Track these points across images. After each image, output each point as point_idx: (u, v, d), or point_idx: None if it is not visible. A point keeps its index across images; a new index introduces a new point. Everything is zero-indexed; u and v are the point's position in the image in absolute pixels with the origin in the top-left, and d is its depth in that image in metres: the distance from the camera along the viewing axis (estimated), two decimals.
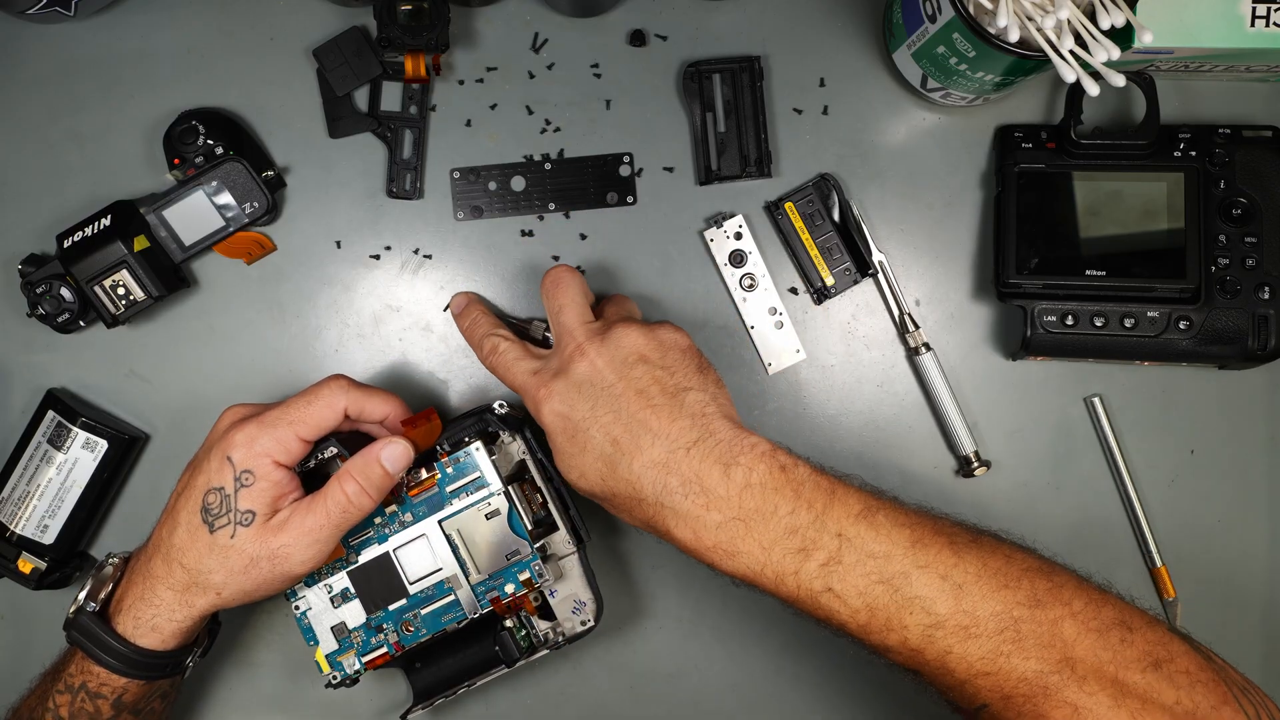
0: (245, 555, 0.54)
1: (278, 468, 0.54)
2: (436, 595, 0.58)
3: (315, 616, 0.59)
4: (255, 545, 0.54)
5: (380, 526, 0.59)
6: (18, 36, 0.66)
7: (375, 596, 0.59)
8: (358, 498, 0.54)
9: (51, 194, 0.66)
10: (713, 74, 0.66)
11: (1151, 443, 0.67)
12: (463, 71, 0.67)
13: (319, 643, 0.59)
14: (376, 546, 0.59)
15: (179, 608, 0.55)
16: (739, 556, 0.50)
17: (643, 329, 0.54)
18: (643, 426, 0.52)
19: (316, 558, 0.55)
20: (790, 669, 0.67)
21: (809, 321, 0.67)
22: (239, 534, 0.54)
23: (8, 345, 0.67)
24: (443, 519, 0.58)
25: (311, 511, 0.54)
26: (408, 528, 0.58)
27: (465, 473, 0.58)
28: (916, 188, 0.67)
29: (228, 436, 0.55)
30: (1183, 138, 0.63)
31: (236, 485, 0.54)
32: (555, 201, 0.67)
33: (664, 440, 0.51)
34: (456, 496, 0.58)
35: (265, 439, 0.54)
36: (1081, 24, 0.54)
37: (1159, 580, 0.67)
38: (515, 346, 0.58)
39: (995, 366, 0.67)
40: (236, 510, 0.54)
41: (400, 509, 0.58)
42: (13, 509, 0.63)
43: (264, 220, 0.65)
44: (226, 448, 0.54)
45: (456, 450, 0.58)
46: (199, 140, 0.63)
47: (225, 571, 0.54)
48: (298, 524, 0.54)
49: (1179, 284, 0.62)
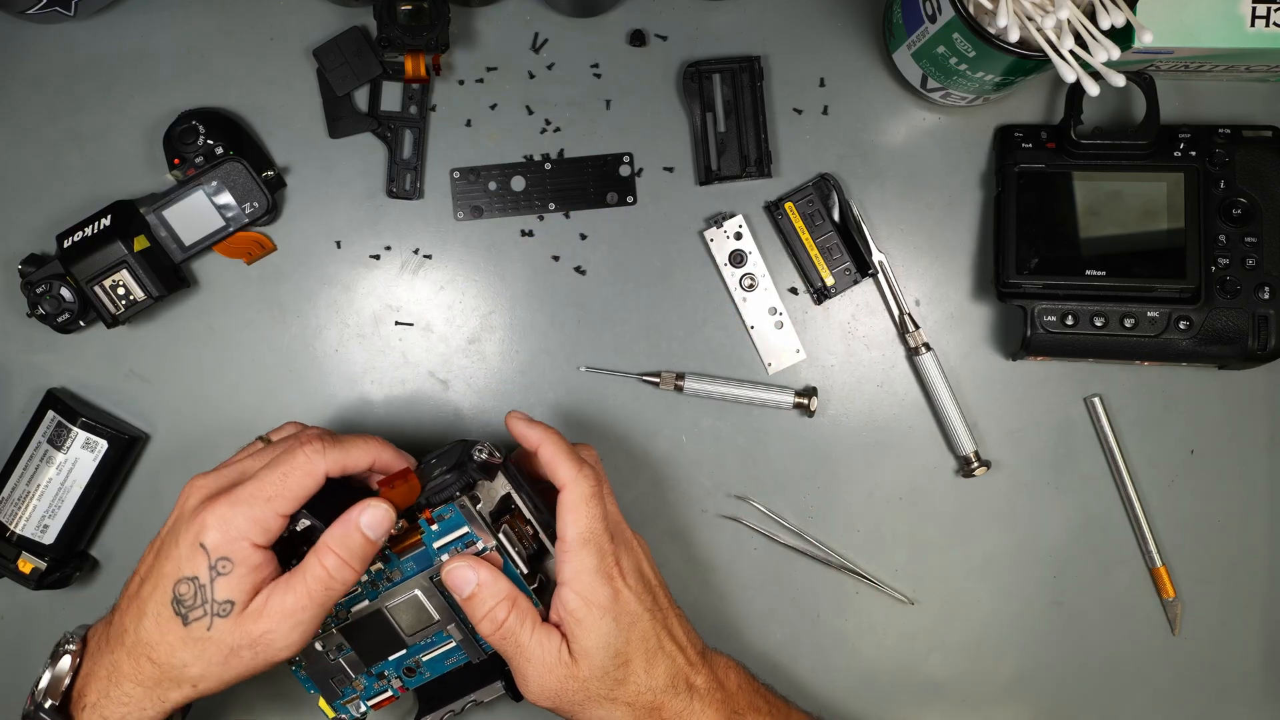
0: (224, 646, 0.49)
1: (256, 550, 0.49)
2: (437, 642, 0.57)
3: (312, 669, 0.57)
4: (234, 635, 0.49)
5: (368, 585, 0.55)
6: (18, 36, 0.66)
7: (372, 650, 0.56)
8: (339, 572, 0.50)
9: (51, 194, 0.66)
10: (713, 74, 0.66)
11: (1151, 443, 0.67)
12: (463, 71, 0.67)
13: (320, 692, 0.57)
14: (367, 603, 0.56)
15: (150, 704, 0.50)
16: None
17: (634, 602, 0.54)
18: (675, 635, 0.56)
19: (301, 639, 0.50)
20: (789, 668, 0.67)
21: (809, 321, 0.67)
22: (216, 625, 0.49)
23: (8, 345, 0.67)
24: (434, 576, 0.55)
25: (291, 591, 0.49)
26: (396, 584, 0.55)
27: (452, 529, 0.54)
28: (916, 188, 0.67)
29: (198, 518, 0.49)
30: (1183, 138, 0.63)
31: (212, 575, 0.49)
32: (555, 201, 0.67)
33: (692, 647, 0.56)
34: (446, 552, 0.54)
35: (240, 520, 0.49)
36: (1081, 24, 0.54)
37: (1159, 580, 0.67)
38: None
39: (995, 366, 0.67)
40: (213, 601, 0.49)
41: (387, 566, 0.55)
42: (13, 509, 0.63)
43: (264, 220, 0.65)
44: (198, 532, 0.49)
45: (440, 506, 0.54)
46: (199, 140, 0.63)
47: (202, 665, 0.49)
48: (278, 607, 0.49)
49: (1179, 284, 0.62)
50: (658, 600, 0.55)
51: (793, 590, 0.67)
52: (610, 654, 0.52)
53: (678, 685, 0.54)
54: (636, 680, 0.53)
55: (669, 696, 0.53)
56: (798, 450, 0.67)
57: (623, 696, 0.53)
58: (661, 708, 0.53)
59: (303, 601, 0.49)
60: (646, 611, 0.54)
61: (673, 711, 0.53)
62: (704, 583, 0.67)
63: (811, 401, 0.66)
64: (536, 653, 0.53)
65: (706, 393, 0.66)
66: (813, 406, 0.66)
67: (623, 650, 0.53)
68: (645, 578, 0.55)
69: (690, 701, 0.54)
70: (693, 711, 0.54)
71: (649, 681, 0.53)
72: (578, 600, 0.52)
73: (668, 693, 0.53)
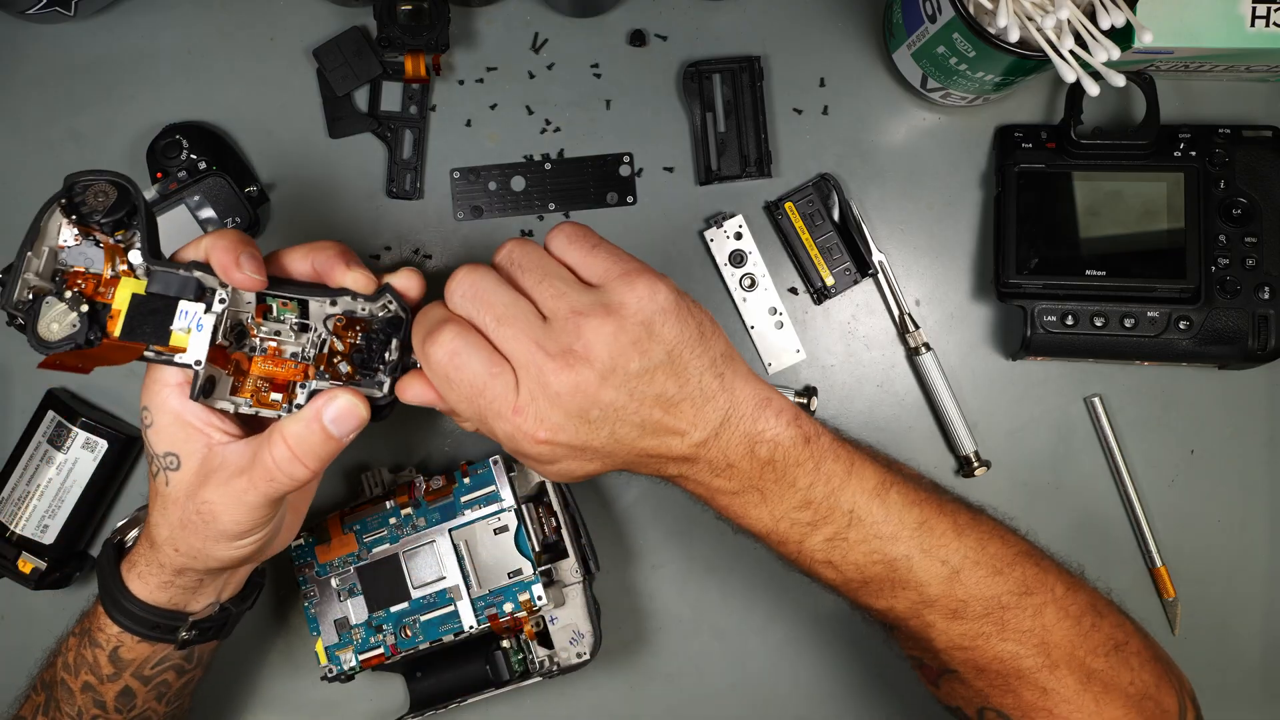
0: (179, 507, 0.48)
1: (174, 393, 0.47)
2: (438, 604, 0.59)
3: (321, 608, 0.60)
4: (185, 498, 0.47)
5: (395, 527, 0.59)
6: (18, 36, 0.66)
7: (379, 596, 0.59)
8: (288, 465, 0.46)
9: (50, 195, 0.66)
10: (713, 74, 0.66)
11: (1151, 443, 0.67)
12: (463, 71, 0.67)
13: (321, 634, 0.60)
14: (388, 546, 0.59)
15: (152, 562, 0.51)
16: (746, 519, 0.49)
17: (617, 327, 0.45)
18: (669, 431, 0.46)
19: (252, 521, 0.48)
20: (789, 669, 0.67)
21: (809, 321, 0.67)
22: (173, 481, 0.48)
23: (8, 345, 0.67)
24: (453, 528, 0.58)
25: (239, 465, 0.47)
26: (420, 531, 0.59)
27: (482, 485, 0.59)
28: (916, 188, 0.67)
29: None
30: (1183, 138, 0.63)
31: (144, 427, 0.48)
32: (555, 201, 0.67)
33: (696, 430, 0.46)
34: (470, 507, 0.59)
35: (156, 368, 0.47)
36: (1081, 24, 0.54)
37: (1159, 580, 0.67)
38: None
39: (995, 366, 0.67)
40: (156, 455, 0.48)
41: (415, 512, 0.59)
42: (13, 509, 0.63)
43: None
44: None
45: (478, 462, 0.58)
46: (182, 155, 0.63)
47: (168, 526, 0.49)
48: (223, 480, 0.47)
49: (1179, 284, 0.62)
50: (624, 413, 0.45)
51: (793, 590, 0.67)
52: (576, 474, 0.47)
53: (666, 472, 0.48)
54: (616, 464, 0.48)
55: (659, 472, 0.49)
56: None
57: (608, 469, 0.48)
58: (652, 471, 0.48)
59: (243, 484, 0.47)
60: (605, 440, 0.46)
61: (666, 477, 0.49)
62: (704, 583, 0.67)
63: (811, 401, 0.66)
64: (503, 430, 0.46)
65: None
66: (813, 406, 0.66)
67: (584, 473, 0.47)
68: (587, 412, 0.45)
69: (684, 480, 0.48)
70: (688, 481, 0.49)
71: (632, 468, 0.48)
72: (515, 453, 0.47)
73: (658, 473, 0.49)
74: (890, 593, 0.49)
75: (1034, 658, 0.49)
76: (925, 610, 0.49)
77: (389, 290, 0.48)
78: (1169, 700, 0.50)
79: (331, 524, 0.60)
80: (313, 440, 0.46)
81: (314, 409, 0.46)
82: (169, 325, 0.46)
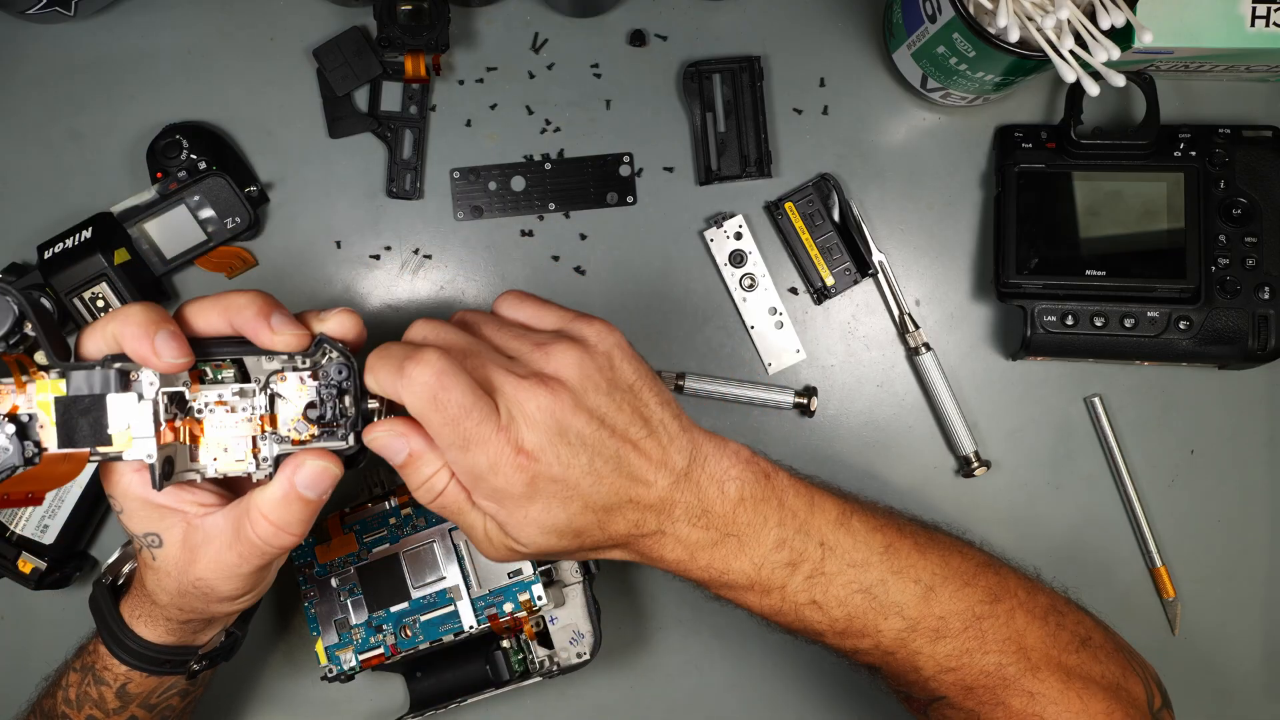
0: (174, 579, 0.47)
1: (137, 479, 0.46)
2: (438, 604, 0.58)
3: (321, 608, 0.60)
4: (178, 573, 0.47)
5: (395, 527, 0.59)
6: (18, 36, 0.66)
7: (379, 596, 0.59)
8: (274, 539, 0.45)
9: (51, 196, 0.66)
10: (713, 74, 0.66)
11: (1151, 443, 0.67)
12: (463, 71, 0.67)
13: (321, 634, 0.60)
14: (388, 546, 0.59)
15: (156, 615, 0.51)
16: (729, 574, 0.48)
17: (583, 353, 0.45)
18: (641, 474, 0.46)
19: (250, 584, 0.48)
20: (789, 668, 0.67)
21: (809, 321, 0.67)
22: (160, 557, 0.47)
23: None
24: (453, 528, 0.58)
25: (224, 541, 0.46)
26: (420, 531, 0.59)
27: None
28: (916, 188, 0.67)
29: None
30: (1183, 138, 0.63)
31: (115, 513, 0.47)
32: (555, 201, 0.67)
33: (666, 471, 0.46)
34: None
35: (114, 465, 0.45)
36: (1081, 24, 0.54)
37: (1159, 580, 0.67)
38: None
39: (995, 366, 0.67)
40: (136, 536, 0.47)
41: (415, 512, 0.59)
42: (12, 509, 0.63)
43: (246, 235, 0.64)
44: None
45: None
46: (182, 155, 0.63)
47: (167, 594, 0.48)
48: (213, 557, 0.46)
49: (1179, 284, 0.62)
50: (599, 442, 0.45)
51: None
52: (553, 533, 0.46)
53: (645, 529, 0.47)
54: (594, 537, 0.47)
55: (638, 539, 0.47)
56: (798, 450, 0.67)
57: (587, 548, 0.48)
58: (630, 544, 0.48)
59: (234, 559, 0.46)
60: (584, 473, 0.45)
61: (645, 546, 0.48)
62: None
63: (811, 401, 0.66)
64: (482, 527, 0.47)
65: (707, 392, 0.66)
66: (813, 406, 0.66)
67: (565, 526, 0.45)
68: (566, 432, 0.44)
69: (663, 538, 0.47)
70: (667, 541, 0.47)
71: (610, 535, 0.47)
72: (490, 505, 0.45)
73: (636, 538, 0.47)
74: (875, 626, 0.49)
75: (1016, 664, 0.49)
76: (911, 637, 0.49)
77: (325, 341, 0.45)
78: (1136, 688, 0.51)
79: (331, 524, 0.60)
80: (292, 510, 0.45)
81: (286, 479, 0.45)
82: (105, 426, 0.43)
